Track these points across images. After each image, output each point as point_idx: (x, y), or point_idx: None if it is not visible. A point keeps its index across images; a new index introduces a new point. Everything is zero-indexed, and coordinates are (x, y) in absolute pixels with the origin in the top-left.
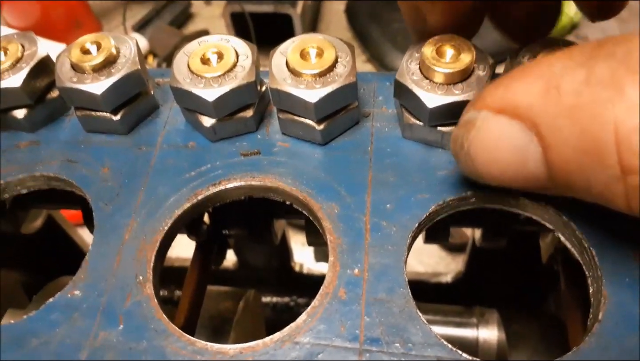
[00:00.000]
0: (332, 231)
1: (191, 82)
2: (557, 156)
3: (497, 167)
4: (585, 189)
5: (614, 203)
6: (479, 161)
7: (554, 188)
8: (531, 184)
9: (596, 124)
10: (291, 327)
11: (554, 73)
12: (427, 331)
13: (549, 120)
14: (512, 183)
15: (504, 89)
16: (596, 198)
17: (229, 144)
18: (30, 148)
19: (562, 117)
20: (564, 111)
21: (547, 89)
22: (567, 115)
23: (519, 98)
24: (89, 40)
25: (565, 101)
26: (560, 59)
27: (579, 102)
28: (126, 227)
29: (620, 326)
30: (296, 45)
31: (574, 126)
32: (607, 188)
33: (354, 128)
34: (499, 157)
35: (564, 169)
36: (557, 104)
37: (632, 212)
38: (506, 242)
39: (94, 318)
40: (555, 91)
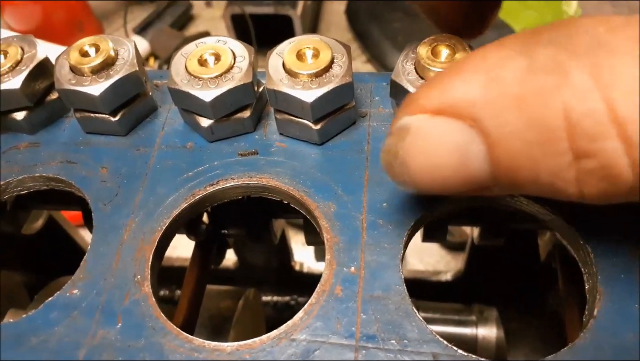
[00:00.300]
0: (329, 229)
1: (188, 83)
2: (504, 152)
3: (436, 173)
4: (533, 182)
5: (565, 192)
6: (416, 169)
7: (496, 187)
8: (472, 186)
9: (544, 112)
10: (288, 324)
11: (491, 65)
12: (423, 328)
13: (492, 114)
14: (451, 188)
15: (439, 89)
16: (543, 190)
17: (227, 145)
18: (30, 149)
19: (506, 109)
20: (508, 102)
21: (487, 81)
22: (512, 106)
23: (457, 96)
24: (88, 42)
25: (508, 91)
26: (494, 50)
27: (523, 92)
28: (125, 227)
29: (615, 322)
30: (292, 47)
31: (520, 117)
32: (558, 177)
33: (351, 128)
34: (437, 162)
35: (511, 164)
36: (499, 96)
37: (584, 199)
38: (504, 240)
39: (92, 317)
40: (495, 83)
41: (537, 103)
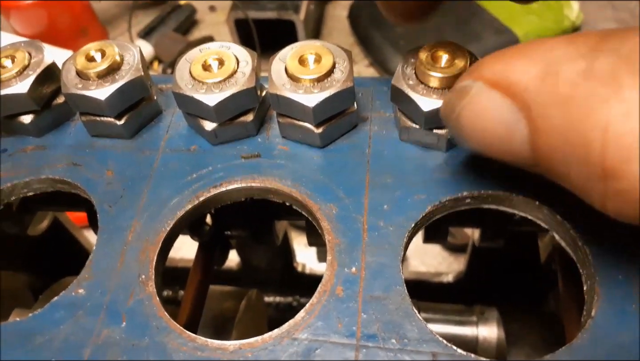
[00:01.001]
0: (331, 231)
1: (193, 87)
2: (544, 142)
3: (483, 139)
4: (566, 178)
5: (590, 200)
6: (467, 130)
7: (537, 168)
8: (516, 160)
9: (587, 120)
10: (289, 324)
11: (554, 58)
12: (423, 328)
13: (541, 105)
14: (496, 154)
15: (502, 65)
16: (575, 189)
17: (230, 148)
18: (37, 152)
19: (554, 105)
20: (558, 99)
21: (545, 73)
22: (560, 104)
23: (515, 77)
24: (94, 48)
25: (561, 90)
26: (563, 45)
27: (574, 94)
28: (129, 228)
29: (613, 322)
30: (295, 52)
31: (564, 117)
32: (587, 184)
33: (352, 131)
34: (486, 129)
35: (549, 155)
36: (552, 91)
37: (606, 213)
38: (505, 242)
39: (97, 316)
40: (552, 77)
41: (582, 109)
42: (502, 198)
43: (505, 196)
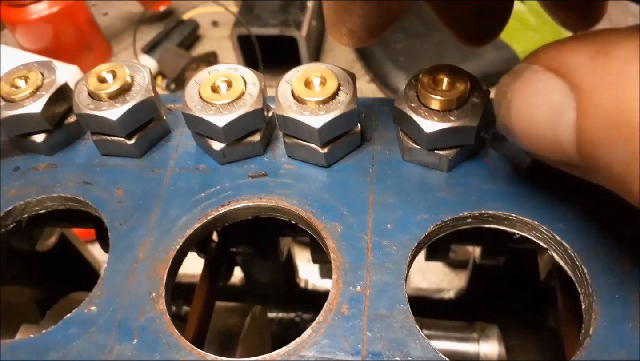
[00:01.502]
0: (336, 249)
1: (202, 109)
2: (588, 123)
3: (530, 126)
4: (607, 167)
5: (631, 190)
6: (516, 115)
7: (578, 161)
8: (558, 153)
9: (634, 96)
10: (297, 341)
11: (606, 40)
12: (426, 346)
13: (589, 83)
14: (540, 148)
15: (557, 49)
16: (615, 181)
17: (238, 167)
18: (48, 170)
19: (603, 82)
20: (607, 76)
21: (597, 52)
22: (608, 81)
23: (568, 58)
24: (105, 69)
25: (610, 66)
26: (616, 31)
27: (623, 70)
28: (140, 246)
29: (610, 340)
30: (300, 75)
31: (611, 93)
32: (628, 168)
33: (356, 151)
34: (534, 114)
35: (592, 139)
36: (601, 68)
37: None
38: (505, 259)
39: (109, 333)
40: (603, 56)
41: (631, 85)
42: (502, 217)
43: (505, 216)
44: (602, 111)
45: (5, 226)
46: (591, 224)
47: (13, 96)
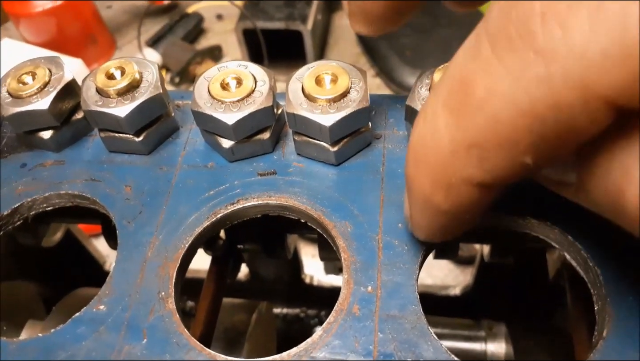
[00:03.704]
0: (346, 249)
1: (212, 106)
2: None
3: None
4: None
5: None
6: None
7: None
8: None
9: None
10: (307, 342)
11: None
12: (438, 347)
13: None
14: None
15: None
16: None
17: (247, 165)
18: (56, 167)
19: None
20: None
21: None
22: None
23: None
24: (114, 66)
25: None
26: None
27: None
28: (149, 244)
29: (625, 343)
30: (311, 72)
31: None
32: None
33: (366, 149)
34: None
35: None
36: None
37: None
38: (513, 258)
39: (118, 332)
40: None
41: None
42: (514, 217)
43: (518, 216)
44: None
45: (12, 223)
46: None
47: (20, 92)
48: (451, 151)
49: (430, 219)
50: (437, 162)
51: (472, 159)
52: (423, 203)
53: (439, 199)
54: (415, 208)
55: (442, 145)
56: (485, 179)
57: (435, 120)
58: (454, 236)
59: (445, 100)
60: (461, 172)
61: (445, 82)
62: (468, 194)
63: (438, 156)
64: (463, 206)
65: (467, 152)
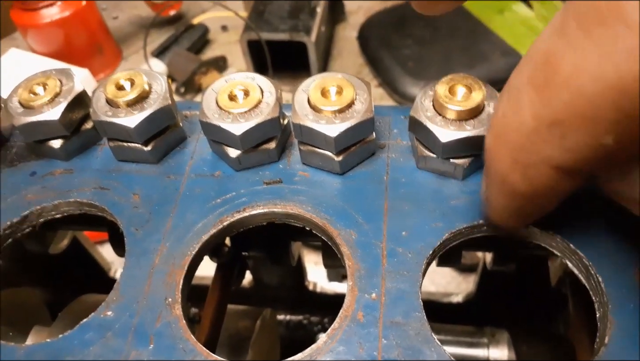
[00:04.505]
0: (351, 256)
1: (219, 117)
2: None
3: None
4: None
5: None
6: None
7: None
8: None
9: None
10: (312, 348)
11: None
12: (442, 353)
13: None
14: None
15: None
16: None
17: (253, 174)
18: (65, 176)
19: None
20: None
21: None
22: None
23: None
24: (123, 77)
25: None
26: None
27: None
28: (156, 251)
29: (626, 350)
30: (317, 84)
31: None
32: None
33: (371, 159)
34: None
35: None
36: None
37: None
38: (516, 266)
39: (126, 338)
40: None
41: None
42: None
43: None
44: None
45: (21, 230)
46: (606, 232)
47: (32, 102)
48: (533, 128)
49: (506, 201)
50: (518, 140)
51: (554, 138)
52: (501, 182)
53: (517, 179)
54: (492, 188)
55: (524, 122)
56: (565, 160)
57: (519, 97)
58: (527, 222)
59: (529, 77)
60: (541, 151)
61: (529, 59)
62: (546, 177)
63: (520, 133)
64: (540, 189)
65: (549, 130)
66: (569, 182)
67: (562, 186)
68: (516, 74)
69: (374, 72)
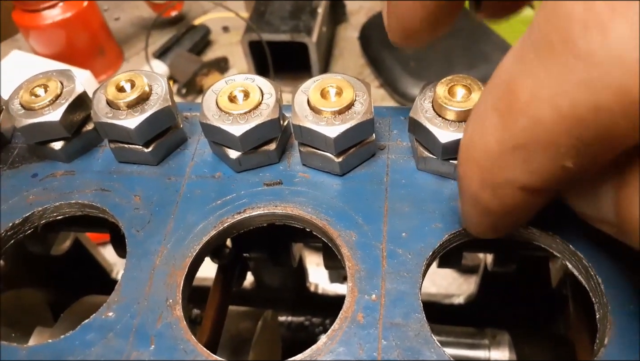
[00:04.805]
0: (351, 258)
1: (219, 118)
2: None
3: None
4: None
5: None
6: None
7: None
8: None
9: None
10: (312, 349)
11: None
12: (441, 354)
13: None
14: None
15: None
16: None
17: (253, 175)
18: (66, 177)
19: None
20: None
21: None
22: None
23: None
24: (124, 78)
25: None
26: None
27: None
28: (157, 253)
29: (625, 351)
30: (317, 85)
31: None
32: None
33: (371, 160)
34: None
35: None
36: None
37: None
38: (516, 267)
39: (127, 339)
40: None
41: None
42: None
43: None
44: None
45: (23, 232)
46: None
47: (33, 104)
48: (498, 152)
49: (479, 217)
50: (485, 163)
51: (517, 161)
52: (472, 201)
53: (486, 199)
54: (466, 206)
55: (489, 146)
56: (529, 182)
57: (483, 121)
58: (504, 233)
59: (493, 102)
60: (507, 173)
61: (493, 85)
62: (513, 196)
63: (485, 156)
64: (510, 207)
65: (512, 154)
66: (537, 199)
67: (531, 204)
68: (482, 98)
69: (376, 73)
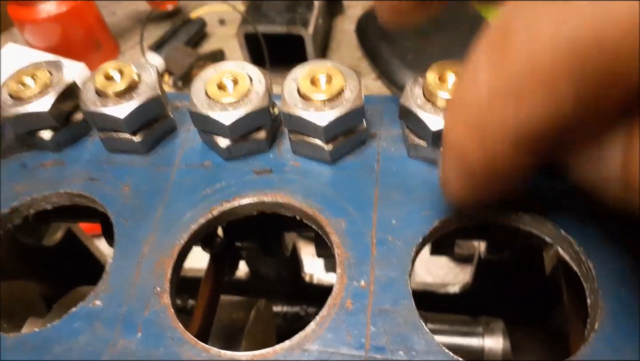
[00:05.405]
0: (340, 245)
1: (208, 106)
2: None
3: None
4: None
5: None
6: None
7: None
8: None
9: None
10: (300, 335)
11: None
12: (430, 340)
13: None
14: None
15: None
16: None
17: (243, 163)
18: (56, 167)
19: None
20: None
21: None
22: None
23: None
24: (112, 67)
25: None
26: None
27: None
28: (145, 241)
29: (616, 336)
30: (306, 72)
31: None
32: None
33: (362, 148)
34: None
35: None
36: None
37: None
38: (510, 254)
39: (114, 327)
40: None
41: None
42: (507, 213)
43: (511, 211)
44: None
45: (12, 222)
46: (597, 219)
47: (21, 94)
48: (488, 99)
49: (463, 179)
50: (475, 113)
51: (510, 107)
52: (457, 158)
53: (474, 154)
54: (449, 165)
55: (480, 94)
56: (521, 130)
57: (475, 71)
58: (485, 202)
59: (484, 50)
60: (498, 122)
61: (486, 34)
62: (503, 151)
63: (476, 106)
64: (496, 165)
65: (506, 98)
66: (526, 159)
67: (519, 165)
68: (473, 49)
69: (372, 65)
